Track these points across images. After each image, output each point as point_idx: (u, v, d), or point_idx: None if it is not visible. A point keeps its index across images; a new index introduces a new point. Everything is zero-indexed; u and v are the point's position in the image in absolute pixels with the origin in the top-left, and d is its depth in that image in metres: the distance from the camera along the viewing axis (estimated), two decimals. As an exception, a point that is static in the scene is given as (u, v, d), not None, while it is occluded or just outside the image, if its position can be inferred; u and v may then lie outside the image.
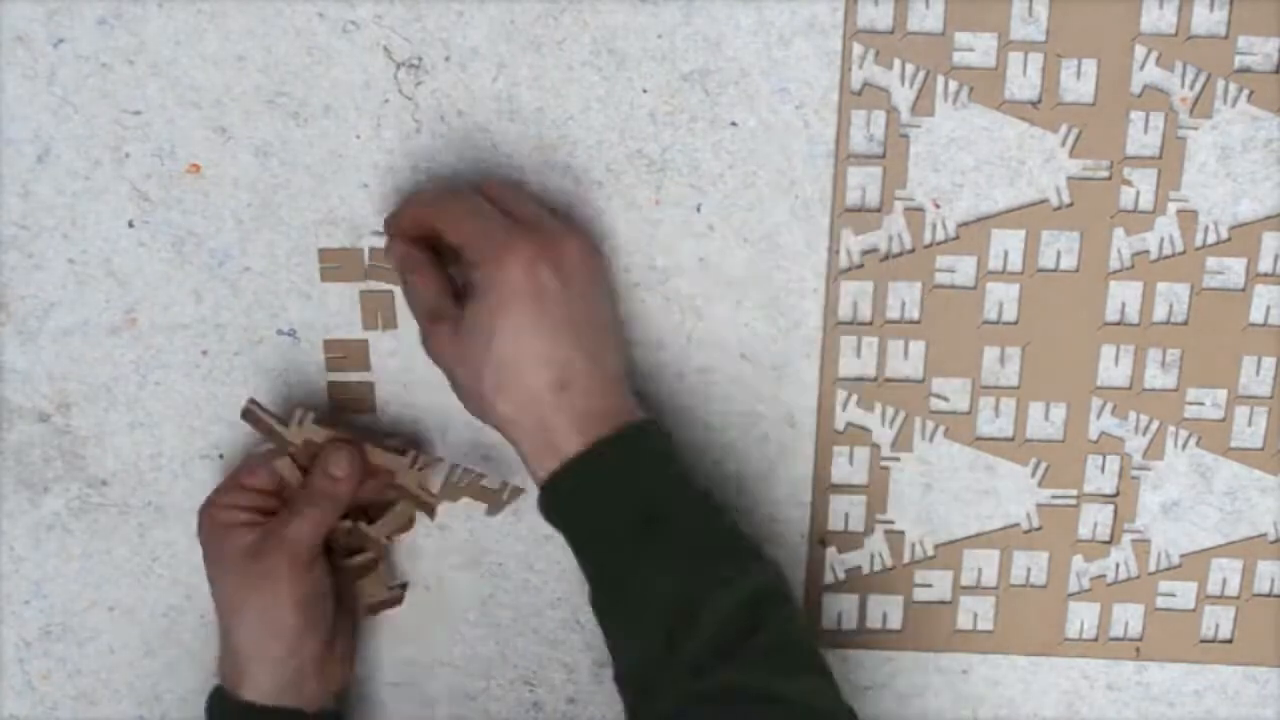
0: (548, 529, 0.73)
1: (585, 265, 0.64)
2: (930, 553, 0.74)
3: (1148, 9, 0.67)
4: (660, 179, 0.69)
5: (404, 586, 0.73)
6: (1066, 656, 0.75)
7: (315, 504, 0.67)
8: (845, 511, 0.73)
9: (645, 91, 0.68)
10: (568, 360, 0.62)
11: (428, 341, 0.66)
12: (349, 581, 0.71)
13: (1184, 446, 0.72)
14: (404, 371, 0.71)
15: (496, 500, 0.69)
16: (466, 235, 0.63)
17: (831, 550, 0.74)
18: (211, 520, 0.68)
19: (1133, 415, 0.72)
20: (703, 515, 0.64)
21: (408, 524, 0.71)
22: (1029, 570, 0.74)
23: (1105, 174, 0.69)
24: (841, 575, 0.74)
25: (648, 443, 0.64)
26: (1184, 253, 0.70)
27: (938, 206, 0.69)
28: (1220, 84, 0.67)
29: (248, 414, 0.68)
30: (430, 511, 0.70)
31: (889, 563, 0.74)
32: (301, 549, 0.66)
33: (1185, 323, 0.70)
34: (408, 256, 0.66)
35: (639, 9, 0.67)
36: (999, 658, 0.75)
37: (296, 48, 0.67)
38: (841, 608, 0.74)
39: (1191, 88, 0.68)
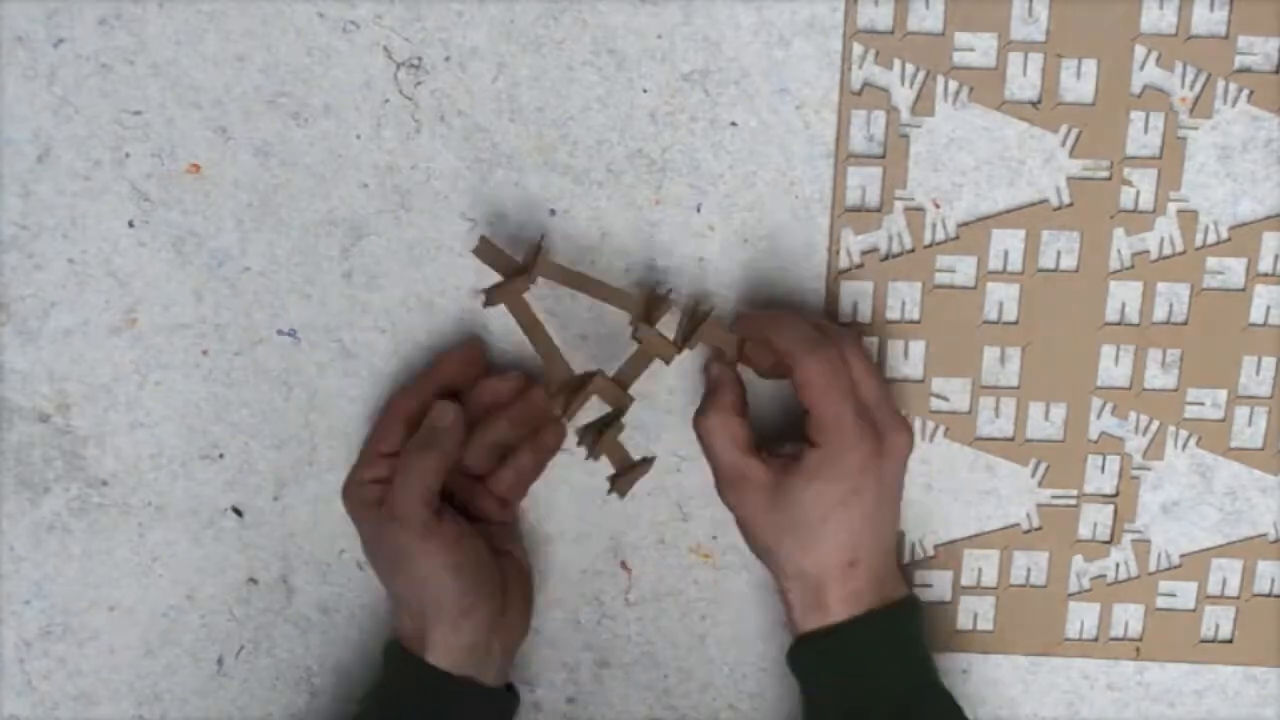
0: (549, 529, 0.73)
1: (902, 460, 0.66)
2: (930, 553, 0.74)
3: (1148, 9, 0.67)
4: (660, 179, 0.69)
5: (650, 460, 0.70)
6: (1067, 657, 0.75)
7: (412, 464, 0.65)
8: (845, 511, 0.73)
9: (645, 91, 0.68)
10: (864, 545, 0.65)
11: (727, 493, 0.67)
12: (507, 536, 0.69)
13: (1184, 446, 0.72)
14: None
15: (729, 348, 0.67)
16: (822, 407, 0.63)
17: (831, 550, 0.74)
18: (351, 501, 0.68)
19: (1133, 415, 0.72)
20: (946, 713, 0.67)
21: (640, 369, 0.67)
22: (1029, 570, 0.74)
23: (1105, 174, 0.69)
24: (841, 575, 0.74)
25: (907, 626, 0.67)
26: (1184, 253, 0.70)
27: (938, 206, 0.69)
28: (1220, 84, 0.67)
29: (482, 247, 0.65)
30: (668, 358, 0.66)
31: (889, 563, 0.74)
32: (412, 513, 0.64)
33: (1185, 323, 0.70)
34: (731, 407, 0.66)
35: (639, 9, 0.67)
36: (999, 658, 0.75)
37: (296, 48, 0.67)
38: (841, 608, 0.74)
39: (1191, 88, 0.68)
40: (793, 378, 0.64)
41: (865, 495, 0.64)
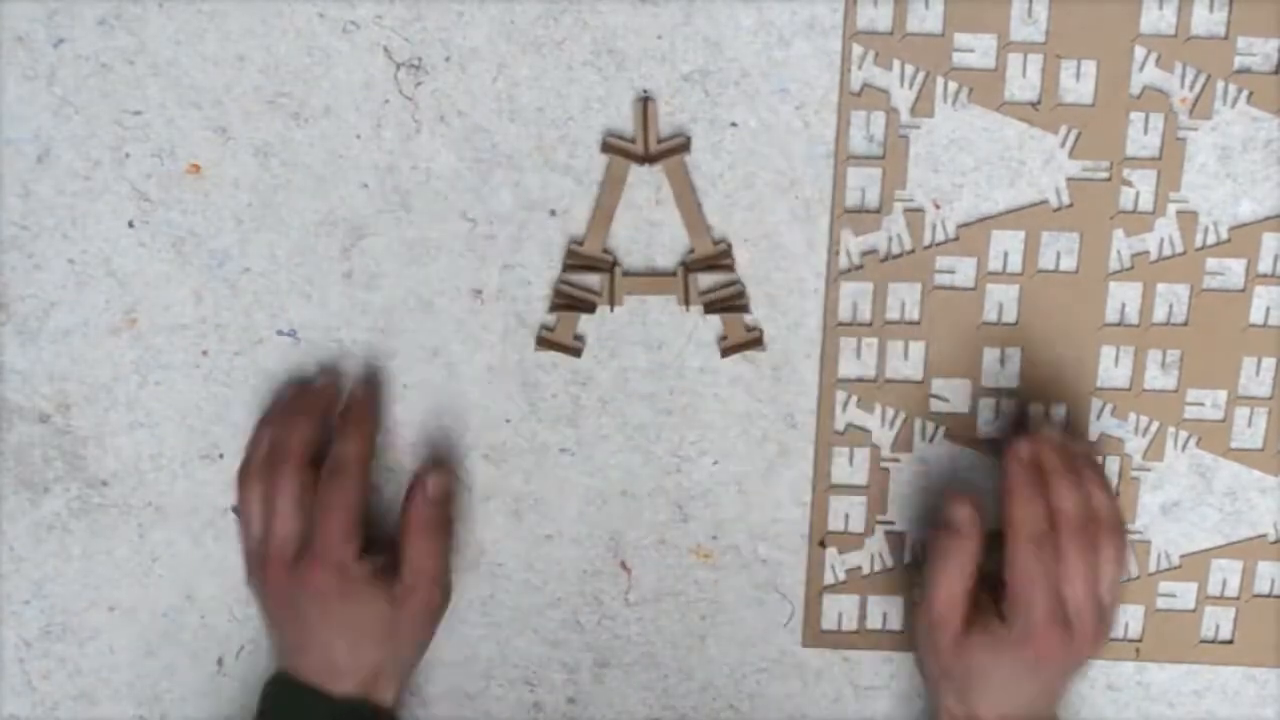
0: (548, 529, 0.73)
1: (1075, 665, 0.67)
2: (930, 553, 0.74)
3: (1148, 9, 0.67)
4: (660, 179, 0.69)
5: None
6: (1066, 657, 0.75)
7: (331, 499, 0.67)
8: (845, 512, 0.73)
9: (645, 92, 0.68)
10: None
11: (920, 635, 0.69)
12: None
13: (1184, 447, 0.72)
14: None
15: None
16: (1019, 589, 0.65)
17: (831, 551, 0.74)
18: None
19: (1133, 416, 0.72)
20: None
21: None
22: (1029, 571, 0.74)
23: (1105, 175, 0.69)
24: (841, 575, 0.74)
25: None
26: (1184, 253, 0.70)
27: (938, 207, 0.69)
28: (1220, 85, 0.67)
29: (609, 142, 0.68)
30: None
31: (889, 563, 0.74)
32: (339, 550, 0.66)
33: (1185, 324, 0.70)
34: (963, 549, 0.67)
35: (639, 9, 0.67)
36: (999, 658, 0.75)
37: (296, 48, 0.67)
38: (841, 608, 0.74)
39: (1191, 88, 0.68)
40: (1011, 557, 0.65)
41: (1024, 683, 0.66)
